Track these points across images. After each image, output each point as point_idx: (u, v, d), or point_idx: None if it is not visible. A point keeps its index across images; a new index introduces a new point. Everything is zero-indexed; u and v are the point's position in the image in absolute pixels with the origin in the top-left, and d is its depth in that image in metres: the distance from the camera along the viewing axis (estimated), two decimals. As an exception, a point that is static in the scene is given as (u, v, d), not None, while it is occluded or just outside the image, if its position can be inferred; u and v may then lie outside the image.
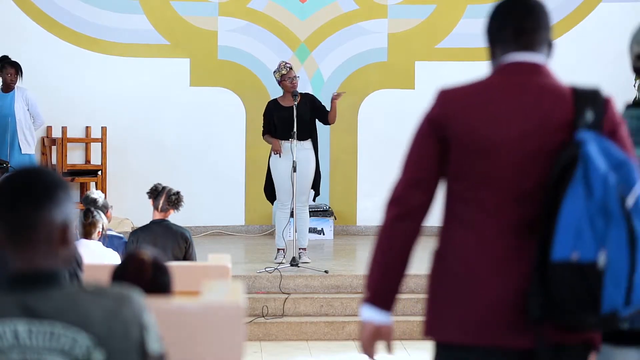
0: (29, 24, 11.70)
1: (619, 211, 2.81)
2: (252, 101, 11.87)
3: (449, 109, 3.02)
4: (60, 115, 11.67)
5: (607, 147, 2.89)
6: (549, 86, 3.04)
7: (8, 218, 2.39)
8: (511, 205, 2.94)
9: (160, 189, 7.32)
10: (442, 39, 12.13)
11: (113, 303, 2.43)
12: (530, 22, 3.07)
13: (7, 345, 2.36)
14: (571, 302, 2.84)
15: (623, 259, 2.80)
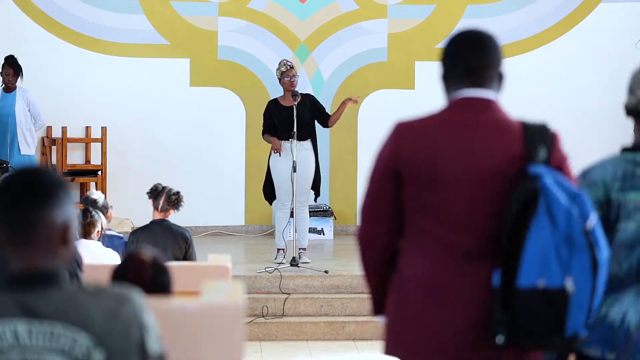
0: (29, 24, 11.70)
1: (582, 240, 3.00)
2: (252, 101, 11.86)
3: (402, 146, 3.20)
4: (60, 115, 11.66)
5: (561, 180, 3.06)
6: (499, 121, 3.18)
7: (9, 218, 2.39)
8: (463, 234, 3.11)
9: (160, 189, 7.31)
10: (442, 39, 12.13)
11: (113, 303, 2.43)
12: (481, 60, 3.28)
13: (7, 346, 2.36)
14: (538, 325, 3.01)
15: (587, 285, 2.99)
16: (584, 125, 11.82)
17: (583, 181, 3.45)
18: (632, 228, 3.38)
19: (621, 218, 3.40)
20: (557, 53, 12.00)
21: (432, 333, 3.13)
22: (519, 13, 12.10)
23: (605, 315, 3.36)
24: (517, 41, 12.07)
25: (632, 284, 3.37)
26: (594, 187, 3.43)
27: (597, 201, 3.40)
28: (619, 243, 3.39)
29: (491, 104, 3.25)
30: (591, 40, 11.98)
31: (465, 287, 3.10)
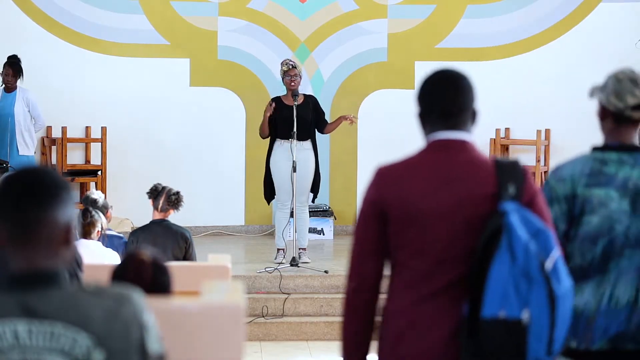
0: (29, 24, 11.70)
1: (538, 275, 3.19)
2: (252, 101, 11.86)
3: (384, 189, 3.39)
4: (60, 115, 11.66)
5: (527, 216, 3.26)
6: (474, 161, 3.38)
7: (10, 217, 2.39)
8: (442, 269, 3.33)
9: (160, 189, 7.31)
10: (442, 39, 12.13)
11: (113, 303, 2.43)
12: (456, 105, 3.44)
13: (7, 346, 2.36)
14: (500, 353, 3.23)
15: (544, 317, 3.20)
16: (584, 125, 11.80)
17: (553, 177, 3.77)
18: (596, 222, 3.68)
19: (586, 212, 3.69)
20: (557, 53, 12.00)
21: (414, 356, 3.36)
22: (519, 13, 12.10)
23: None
24: (517, 41, 12.07)
25: (595, 275, 3.69)
26: (562, 182, 3.74)
27: (564, 196, 3.71)
28: (583, 236, 3.69)
29: (466, 145, 3.43)
30: (591, 40, 11.98)
31: (443, 317, 3.33)
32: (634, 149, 3.83)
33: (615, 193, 3.72)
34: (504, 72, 11.95)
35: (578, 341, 3.74)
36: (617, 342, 3.72)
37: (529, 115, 11.92)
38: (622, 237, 3.70)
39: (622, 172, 3.76)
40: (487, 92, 11.94)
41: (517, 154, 12.08)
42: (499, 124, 11.91)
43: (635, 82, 3.89)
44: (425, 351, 3.35)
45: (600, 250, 3.69)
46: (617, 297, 3.70)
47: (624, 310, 3.70)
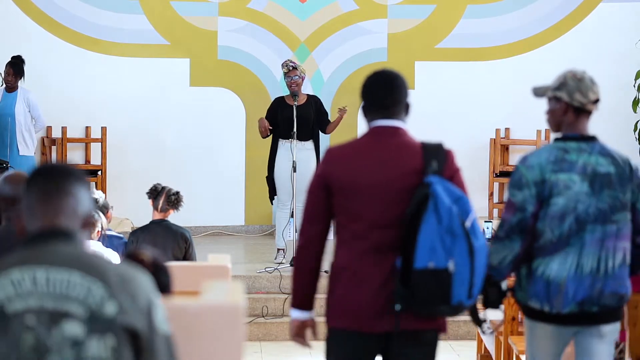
0: (29, 24, 11.70)
1: (460, 231, 3.95)
2: (252, 101, 11.86)
3: (330, 165, 4.16)
4: (60, 115, 11.66)
5: (448, 186, 4.02)
6: (404, 143, 4.14)
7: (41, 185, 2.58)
8: (376, 231, 4.08)
9: (160, 189, 7.31)
10: (442, 39, 12.13)
11: (125, 270, 2.54)
12: (390, 99, 4.20)
13: (26, 291, 2.45)
14: (430, 298, 3.99)
15: (466, 265, 3.95)
16: (584, 125, 11.82)
17: (522, 165, 4.38)
18: (562, 202, 4.33)
19: (553, 195, 4.33)
20: (557, 53, 11.99)
21: (353, 306, 4.15)
22: (519, 13, 12.09)
23: (542, 274, 4.34)
24: (517, 41, 12.06)
25: (563, 248, 4.33)
26: (531, 169, 4.36)
27: (534, 181, 4.34)
28: (552, 215, 4.33)
29: (399, 130, 4.21)
30: (591, 40, 11.97)
31: (374, 270, 4.08)
32: (590, 138, 4.50)
33: (577, 177, 4.35)
34: (504, 72, 11.94)
35: (550, 306, 4.35)
36: (584, 306, 4.33)
37: (529, 115, 11.91)
38: (584, 214, 4.32)
39: (581, 158, 4.39)
40: (487, 92, 11.97)
41: (517, 154, 12.08)
42: (499, 124, 11.91)
43: (593, 81, 4.71)
44: (363, 297, 4.10)
45: (567, 227, 4.33)
46: (582, 266, 4.32)
47: (588, 278, 4.32)
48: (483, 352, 7.25)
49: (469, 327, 8.48)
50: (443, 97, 11.94)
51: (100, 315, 2.44)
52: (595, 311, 4.35)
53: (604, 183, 4.37)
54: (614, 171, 4.41)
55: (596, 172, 4.38)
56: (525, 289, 4.41)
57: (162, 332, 2.54)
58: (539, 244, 4.35)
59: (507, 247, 4.36)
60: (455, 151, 4.22)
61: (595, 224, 4.33)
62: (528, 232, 4.33)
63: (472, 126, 11.87)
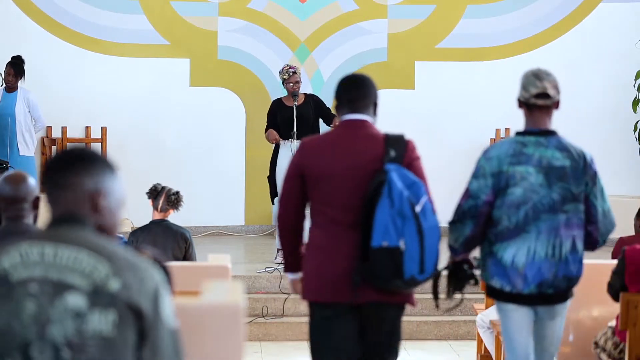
0: (29, 24, 11.70)
1: (410, 214, 4.46)
2: (252, 101, 11.86)
3: (304, 155, 4.68)
4: (60, 115, 11.66)
5: (404, 173, 4.53)
6: (369, 134, 4.66)
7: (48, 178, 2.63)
8: (343, 213, 4.59)
9: (160, 189, 7.31)
10: (442, 39, 12.13)
11: (135, 259, 2.57)
12: (356, 95, 4.74)
13: (32, 262, 2.49)
14: (385, 272, 4.49)
15: (415, 245, 4.47)
16: (584, 125, 11.81)
17: (483, 156, 4.79)
18: (519, 193, 4.71)
19: (510, 185, 4.71)
20: (557, 53, 11.99)
21: (324, 279, 4.62)
22: (519, 13, 12.10)
23: (500, 257, 4.74)
24: (517, 41, 12.06)
25: (519, 234, 4.71)
26: (490, 161, 4.76)
27: (491, 172, 4.74)
28: (509, 203, 4.72)
29: (365, 123, 4.73)
30: (591, 40, 11.97)
31: (343, 248, 4.58)
32: (548, 133, 4.85)
33: (533, 169, 4.72)
34: (504, 72, 11.93)
35: (511, 286, 4.76)
36: (541, 288, 4.75)
37: (529, 115, 11.93)
38: (539, 204, 4.70)
39: (538, 152, 4.76)
40: (487, 92, 11.97)
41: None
42: (499, 124, 11.91)
43: (538, 76, 4.90)
44: (334, 272, 4.58)
45: (523, 215, 4.70)
46: (537, 251, 4.71)
47: (544, 262, 4.72)
48: (483, 352, 7.26)
49: (469, 327, 8.48)
50: (443, 97, 11.94)
51: (104, 289, 2.47)
52: (551, 293, 4.77)
53: (558, 176, 4.73)
54: (568, 165, 4.77)
55: (551, 165, 4.74)
56: (487, 269, 4.82)
57: (167, 324, 2.55)
58: (498, 230, 4.75)
59: (459, 230, 4.78)
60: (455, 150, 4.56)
61: (548, 213, 4.71)
62: (479, 217, 4.74)
63: (472, 126, 11.87)
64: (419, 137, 5.34)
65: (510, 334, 4.87)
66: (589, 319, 5.81)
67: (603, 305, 5.62)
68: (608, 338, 5.54)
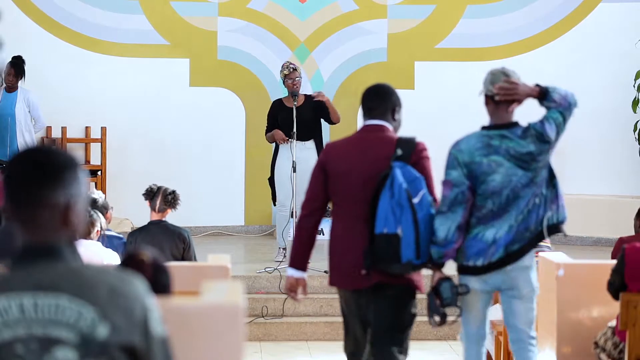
0: (29, 24, 11.70)
1: (407, 205, 5.04)
2: (252, 101, 11.86)
3: (327, 155, 5.34)
4: (60, 115, 11.66)
5: (408, 170, 5.11)
6: (384, 137, 5.24)
7: (15, 195, 2.45)
8: (357, 206, 5.17)
9: (156, 189, 7.32)
10: (441, 39, 12.13)
11: (117, 281, 2.45)
12: (375, 103, 5.32)
13: (13, 320, 2.36)
14: (385, 256, 5.07)
15: (410, 232, 5.05)
16: (584, 125, 11.81)
17: (454, 149, 5.28)
18: (498, 179, 5.21)
19: (488, 174, 5.20)
20: (557, 53, 11.99)
21: (343, 265, 5.25)
22: (519, 13, 12.10)
23: (481, 237, 5.21)
24: (517, 41, 12.06)
25: (501, 216, 5.21)
26: (461, 153, 5.25)
27: (464, 162, 5.23)
28: (491, 190, 5.21)
29: (382, 127, 5.29)
30: (591, 40, 11.97)
31: (357, 238, 5.16)
32: (511, 125, 5.34)
33: (503, 158, 5.22)
34: (504, 72, 11.94)
35: (483, 259, 5.23)
36: (508, 248, 5.21)
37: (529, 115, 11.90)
38: (518, 185, 5.20)
39: (504, 143, 5.25)
40: (487, 92, 11.97)
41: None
42: (499, 124, 11.91)
43: (504, 73, 5.38)
44: (350, 260, 5.17)
45: (505, 197, 5.21)
46: (514, 224, 5.22)
47: (514, 227, 5.22)
48: (483, 352, 7.24)
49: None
50: (443, 97, 11.94)
51: (93, 339, 2.36)
52: (517, 248, 5.23)
53: (526, 160, 5.23)
54: (533, 148, 5.26)
55: (518, 152, 5.24)
56: (464, 252, 5.26)
57: (158, 336, 2.48)
58: (482, 213, 5.23)
59: (450, 218, 5.15)
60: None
61: (525, 190, 5.22)
62: (467, 202, 5.19)
63: (472, 126, 11.80)
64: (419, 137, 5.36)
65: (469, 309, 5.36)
66: (589, 319, 5.81)
67: (603, 305, 5.62)
68: (608, 338, 5.54)
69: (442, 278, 5.23)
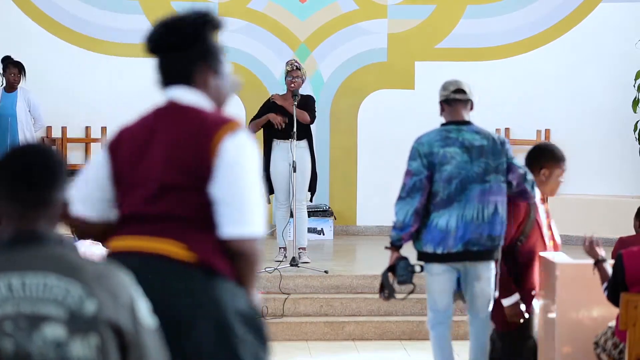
0: (29, 24, 11.70)
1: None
2: (252, 101, 11.85)
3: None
4: (60, 115, 11.66)
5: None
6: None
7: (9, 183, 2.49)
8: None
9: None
10: (442, 39, 12.13)
11: (103, 269, 2.49)
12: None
13: (2, 298, 2.39)
14: None
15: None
16: (584, 125, 11.82)
17: (416, 143, 5.77)
18: (450, 169, 5.70)
19: (443, 164, 5.70)
20: (557, 53, 11.99)
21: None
22: (519, 13, 12.10)
23: (436, 224, 5.66)
24: (517, 41, 12.06)
25: (451, 204, 5.68)
26: (422, 145, 5.75)
27: (424, 153, 5.71)
28: (443, 179, 5.69)
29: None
30: (591, 40, 11.97)
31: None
32: (464, 122, 5.85)
33: (458, 150, 5.72)
34: (504, 72, 11.94)
35: (442, 247, 5.66)
36: (468, 246, 5.66)
37: (529, 115, 11.92)
38: (466, 177, 5.68)
39: (460, 136, 5.76)
40: (487, 92, 11.93)
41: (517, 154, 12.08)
42: (499, 124, 11.91)
43: (456, 81, 5.98)
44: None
45: (454, 187, 5.68)
46: (466, 215, 5.66)
47: (471, 224, 5.65)
48: (483, 352, 7.24)
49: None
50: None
51: (81, 314, 2.39)
52: (476, 250, 5.68)
53: (478, 152, 5.73)
54: (486, 143, 5.75)
55: (472, 145, 5.74)
56: (422, 238, 5.69)
57: (147, 326, 2.50)
58: (435, 201, 5.69)
59: (409, 203, 5.64)
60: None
61: (474, 184, 5.68)
62: (424, 189, 5.67)
63: (472, 126, 11.86)
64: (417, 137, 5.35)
65: (435, 293, 5.77)
66: (589, 319, 5.81)
67: (603, 305, 5.62)
68: (608, 338, 5.54)
69: (399, 257, 5.71)
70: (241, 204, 3.17)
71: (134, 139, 3.27)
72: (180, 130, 3.26)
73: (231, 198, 3.14)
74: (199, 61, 3.42)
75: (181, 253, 3.10)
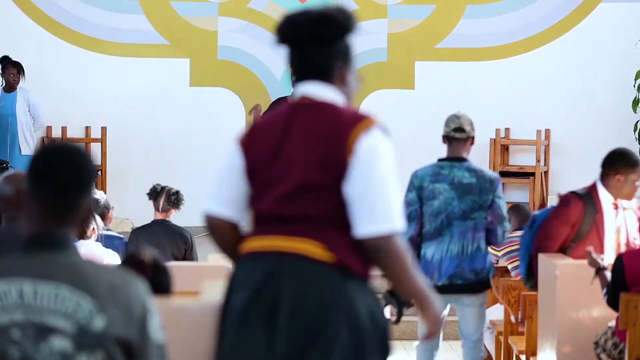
0: (29, 24, 11.70)
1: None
2: (252, 101, 11.84)
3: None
4: (60, 115, 11.66)
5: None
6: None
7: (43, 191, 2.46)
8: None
9: (160, 189, 7.32)
10: (442, 39, 12.12)
11: (118, 279, 2.45)
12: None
13: (12, 304, 2.37)
14: None
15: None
16: (584, 125, 11.81)
17: (413, 175, 6.17)
18: (437, 204, 6.09)
19: (431, 198, 6.09)
20: (557, 53, 11.99)
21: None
22: (519, 13, 12.09)
23: (424, 254, 6.08)
24: (517, 41, 12.06)
25: (437, 237, 6.09)
26: (416, 178, 6.14)
27: (416, 187, 6.12)
28: (430, 212, 6.09)
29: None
30: (591, 40, 11.97)
31: None
32: (460, 159, 6.18)
33: (447, 186, 6.09)
34: (504, 72, 11.94)
35: (430, 278, 5.97)
36: (452, 279, 6.08)
37: (529, 115, 11.92)
38: (452, 213, 6.05)
39: (452, 173, 6.11)
40: (487, 92, 11.96)
41: (517, 154, 12.08)
42: (499, 124, 11.91)
43: (457, 117, 6.26)
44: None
45: (440, 222, 6.08)
46: (451, 250, 6.04)
47: (455, 259, 6.05)
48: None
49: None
50: (443, 97, 11.93)
51: (89, 330, 2.37)
52: (460, 284, 6.09)
53: (466, 190, 6.08)
54: (474, 182, 6.09)
55: (461, 182, 6.10)
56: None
57: (156, 341, 2.47)
58: (425, 232, 6.09)
59: (406, 232, 5.77)
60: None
61: (459, 220, 6.07)
62: (419, 219, 6.09)
63: (472, 126, 11.86)
64: (419, 137, 5.36)
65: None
66: (589, 319, 5.81)
67: (603, 305, 5.62)
68: (608, 338, 5.54)
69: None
70: (375, 201, 3.14)
71: (269, 135, 3.25)
72: (317, 128, 3.21)
73: (366, 196, 3.13)
74: (341, 57, 3.31)
75: (320, 253, 3.12)
